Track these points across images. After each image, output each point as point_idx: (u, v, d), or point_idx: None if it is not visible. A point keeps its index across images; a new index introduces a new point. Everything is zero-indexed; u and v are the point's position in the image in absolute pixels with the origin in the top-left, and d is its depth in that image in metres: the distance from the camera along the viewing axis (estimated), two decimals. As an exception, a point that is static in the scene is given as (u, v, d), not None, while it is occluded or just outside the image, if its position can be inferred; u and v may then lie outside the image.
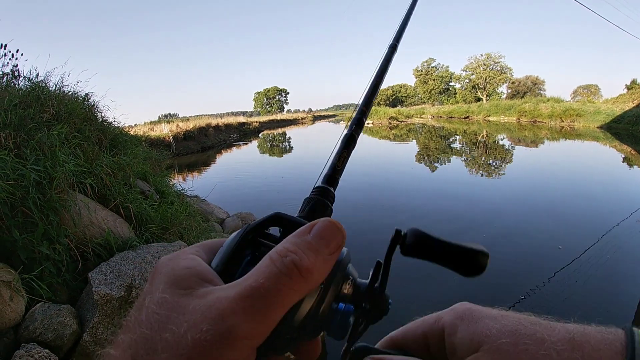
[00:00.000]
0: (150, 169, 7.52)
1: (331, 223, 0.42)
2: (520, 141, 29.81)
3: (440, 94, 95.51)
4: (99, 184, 4.77)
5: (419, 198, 11.86)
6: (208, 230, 6.07)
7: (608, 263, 6.65)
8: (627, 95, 48.13)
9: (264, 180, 16.57)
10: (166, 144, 26.52)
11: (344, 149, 0.68)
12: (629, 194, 11.90)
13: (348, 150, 0.68)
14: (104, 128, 6.83)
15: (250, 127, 54.63)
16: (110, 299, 3.14)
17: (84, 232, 3.90)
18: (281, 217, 0.46)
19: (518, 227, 8.72)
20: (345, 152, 0.67)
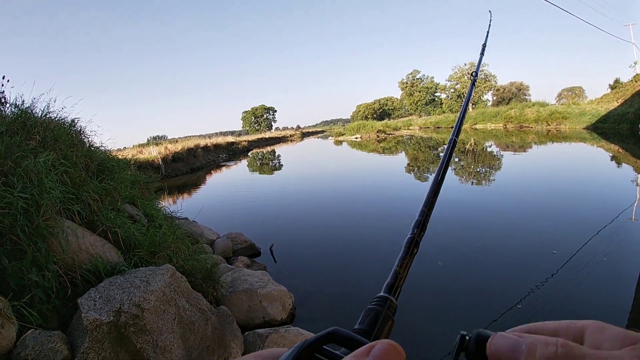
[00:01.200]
0: (138, 193, 7.54)
1: (391, 346, 0.40)
2: (508, 147, 30.14)
3: (427, 105, 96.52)
4: (86, 210, 4.80)
5: (409, 207, 11.90)
6: (198, 252, 6.09)
7: (601, 263, 6.72)
8: (611, 95, 48.96)
9: (254, 199, 16.57)
10: (155, 167, 26.56)
11: (406, 254, 0.68)
12: (618, 192, 12.05)
13: (411, 256, 0.68)
14: (90, 153, 6.85)
15: (239, 147, 54.78)
16: (100, 324, 3.16)
17: (73, 259, 3.92)
18: (339, 334, 0.46)
19: (512, 232, 8.78)
20: (407, 258, 0.68)
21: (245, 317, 5.54)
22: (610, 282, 6.17)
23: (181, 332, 3.73)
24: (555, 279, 6.29)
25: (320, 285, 7.09)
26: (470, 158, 24.93)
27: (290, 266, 8.16)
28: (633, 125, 32.62)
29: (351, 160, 31.12)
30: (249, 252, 8.90)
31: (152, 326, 3.44)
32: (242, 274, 6.38)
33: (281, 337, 4.70)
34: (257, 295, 5.69)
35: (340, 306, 6.21)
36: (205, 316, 4.13)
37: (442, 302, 6.10)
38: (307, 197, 15.75)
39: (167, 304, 3.70)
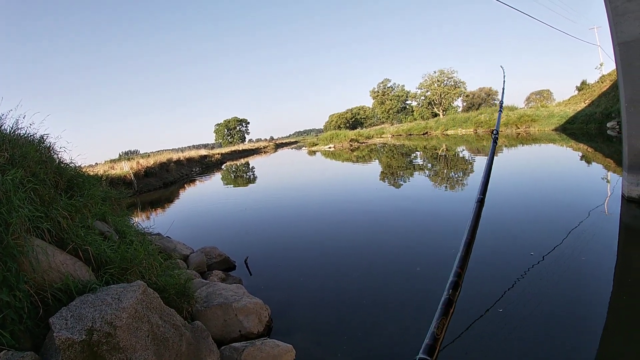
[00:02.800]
0: (109, 209, 7.44)
1: None
2: (479, 151, 30.51)
3: (398, 113, 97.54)
4: (56, 228, 4.72)
5: (381, 213, 11.97)
6: (171, 268, 6.03)
7: (579, 260, 6.89)
8: (578, 96, 50.37)
9: (228, 213, 16.53)
10: (127, 182, 26.32)
11: (442, 315, 0.68)
12: (591, 189, 12.39)
13: (447, 315, 0.67)
14: (60, 170, 6.75)
15: (212, 160, 54.60)
16: (72, 343, 3.12)
17: (43, 278, 3.86)
18: None
19: (487, 234, 8.87)
20: (444, 319, 0.67)
21: (221, 332, 5.50)
22: (588, 278, 6.33)
23: (155, 349, 3.70)
24: (533, 277, 6.41)
25: (296, 296, 7.09)
26: (443, 163, 25.21)
27: (266, 278, 8.15)
28: (601, 124, 33.52)
29: (325, 170, 31.19)
30: (224, 266, 8.86)
31: (126, 344, 3.41)
32: (217, 288, 6.35)
33: (258, 350, 4.68)
34: (233, 309, 5.67)
35: (318, 316, 6.22)
36: (179, 332, 4.10)
37: (419, 306, 6.15)
38: (281, 209, 15.73)
39: (140, 321, 3.67)
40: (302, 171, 32.99)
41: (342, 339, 5.40)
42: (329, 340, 5.47)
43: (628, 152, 9.88)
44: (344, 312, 6.21)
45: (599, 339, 4.69)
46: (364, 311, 6.15)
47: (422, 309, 6.01)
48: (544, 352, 4.56)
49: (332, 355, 5.06)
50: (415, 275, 7.38)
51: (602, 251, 7.35)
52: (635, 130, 9.57)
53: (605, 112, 34.54)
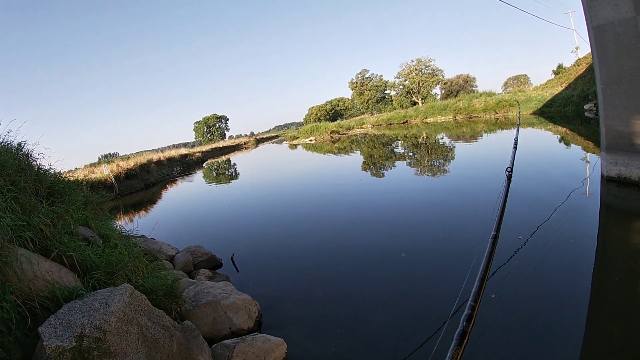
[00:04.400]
0: (91, 214, 7.39)
1: None
2: (459, 137, 30.83)
3: (377, 103, 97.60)
4: (39, 236, 4.69)
5: (367, 203, 12.03)
6: (157, 269, 6.02)
7: (561, 240, 7.02)
8: (555, 80, 50.76)
9: (211, 211, 16.49)
10: (108, 186, 26.12)
11: (457, 346, 0.70)
12: (571, 170, 12.64)
13: (461, 347, 0.69)
14: (39, 177, 6.69)
15: (193, 158, 54.28)
16: (63, 351, 3.11)
17: (29, 287, 3.83)
18: None
19: (468, 220, 8.97)
20: (458, 349, 0.69)
21: (211, 330, 5.52)
22: (571, 257, 6.47)
23: (147, 352, 3.70)
24: (518, 258, 6.52)
25: (285, 290, 7.13)
26: (424, 151, 25.36)
27: (253, 274, 8.18)
28: (578, 106, 34.01)
29: (307, 164, 31.18)
30: (210, 264, 8.86)
31: (116, 348, 3.41)
32: (205, 286, 6.36)
33: (249, 345, 4.71)
34: (221, 307, 5.68)
35: (307, 309, 6.27)
36: (169, 333, 4.11)
37: (408, 292, 6.22)
38: (264, 204, 15.72)
39: (129, 324, 3.67)
40: (284, 165, 32.97)
41: (332, 331, 5.46)
42: (320, 332, 5.52)
43: (605, 132, 10.10)
44: (333, 305, 6.27)
45: (585, 317, 4.80)
46: (353, 303, 6.21)
47: (410, 298, 6.08)
48: (531, 332, 4.65)
49: (324, 347, 5.11)
50: (402, 262, 7.45)
51: (584, 230, 7.52)
52: (612, 112, 9.77)
53: (582, 95, 35.00)
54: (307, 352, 5.08)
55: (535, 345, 4.40)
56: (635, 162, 9.33)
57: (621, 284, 5.41)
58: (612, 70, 9.42)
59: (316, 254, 8.77)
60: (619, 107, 9.51)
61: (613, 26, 9.06)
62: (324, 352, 5.01)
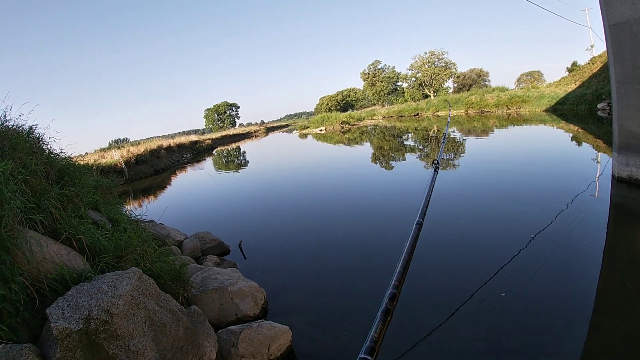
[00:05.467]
0: (101, 198, 7.43)
1: None
2: (470, 132, 30.72)
3: (389, 95, 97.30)
4: (48, 218, 4.72)
5: (376, 195, 12.02)
6: (165, 254, 6.04)
7: (567, 240, 6.98)
8: (569, 78, 50.13)
9: (221, 197, 16.55)
10: (118, 170, 26.21)
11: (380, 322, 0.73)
12: (581, 170, 12.50)
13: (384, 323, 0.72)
14: (50, 160, 6.72)
15: (203, 145, 54.27)
16: (70, 333, 3.14)
17: (38, 269, 3.86)
18: None
19: (481, 217, 8.94)
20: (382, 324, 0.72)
21: (217, 316, 5.55)
22: (579, 257, 6.43)
23: (153, 335, 3.73)
24: (525, 257, 6.48)
25: (291, 278, 7.15)
26: (435, 144, 25.25)
27: (260, 262, 8.20)
28: (591, 105, 33.57)
29: (317, 153, 31.17)
30: (218, 251, 8.89)
31: (123, 331, 3.43)
32: (212, 272, 6.39)
33: (254, 332, 4.73)
34: (228, 293, 5.71)
35: (313, 298, 6.29)
36: (176, 317, 4.13)
37: (415, 286, 6.21)
38: (273, 193, 15.75)
39: (137, 308, 3.70)
40: (294, 155, 32.97)
41: (337, 321, 5.47)
42: (325, 322, 5.54)
43: (618, 132, 9.98)
44: (339, 295, 6.28)
45: (589, 318, 4.77)
46: (359, 294, 6.22)
47: (415, 292, 6.08)
48: (535, 330, 4.64)
49: (328, 336, 5.13)
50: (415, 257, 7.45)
51: (593, 230, 7.45)
52: (625, 111, 9.64)
53: (595, 94, 34.55)
54: (312, 341, 5.10)
55: (539, 343, 4.39)
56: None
57: (627, 285, 5.35)
58: (628, 70, 9.29)
59: (323, 244, 8.77)
60: (633, 107, 9.38)
61: (630, 25, 8.91)
62: (329, 341, 5.03)
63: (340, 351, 4.75)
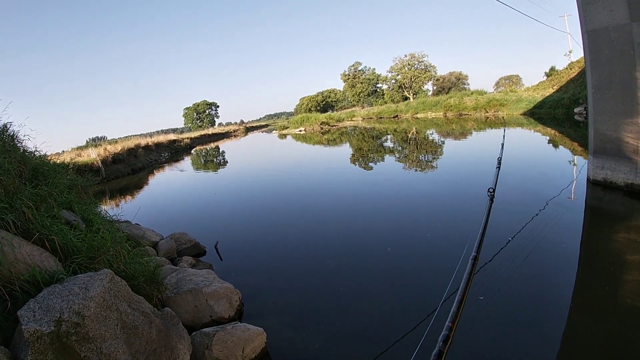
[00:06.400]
0: (76, 198, 7.35)
1: None
2: (448, 134, 30.95)
3: (369, 96, 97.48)
4: (21, 219, 4.66)
5: (350, 197, 12.08)
6: (139, 255, 5.99)
7: (543, 243, 7.09)
8: (547, 82, 50.85)
9: (198, 198, 16.47)
10: (95, 170, 25.89)
11: None
12: (558, 173, 12.67)
13: None
14: (24, 158, 6.64)
15: (181, 144, 53.96)
16: (41, 335, 3.11)
17: (10, 270, 3.81)
18: None
19: (452, 219, 9.03)
20: None
21: (192, 317, 5.54)
22: (555, 258, 6.54)
23: (125, 338, 3.71)
24: (502, 258, 6.56)
25: (267, 279, 7.17)
26: (414, 146, 25.43)
27: (237, 263, 8.20)
28: (568, 109, 34.15)
29: (296, 154, 31.17)
30: (194, 252, 8.85)
31: (95, 333, 3.41)
32: (187, 274, 6.36)
33: (228, 334, 4.74)
34: (203, 294, 5.70)
35: (289, 299, 6.31)
36: (149, 319, 4.12)
37: (392, 286, 6.28)
38: (251, 193, 15.75)
39: (108, 310, 3.67)
40: (273, 155, 32.93)
41: (314, 323, 5.50)
42: (301, 323, 5.57)
43: (594, 136, 10.21)
44: (316, 296, 6.31)
45: (566, 317, 4.88)
46: (336, 294, 6.26)
47: (393, 292, 6.14)
48: (511, 332, 4.72)
49: (304, 338, 5.16)
50: (387, 256, 7.51)
51: (568, 232, 7.60)
52: (601, 116, 9.87)
53: (573, 98, 35.15)
54: (287, 342, 5.12)
55: (515, 345, 4.46)
56: (622, 167, 9.46)
57: (602, 286, 5.48)
58: (604, 75, 9.50)
59: (301, 244, 8.80)
60: (608, 112, 9.60)
61: (607, 31, 9.12)
62: (305, 343, 5.05)
63: (317, 353, 4.77)
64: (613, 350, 4.22)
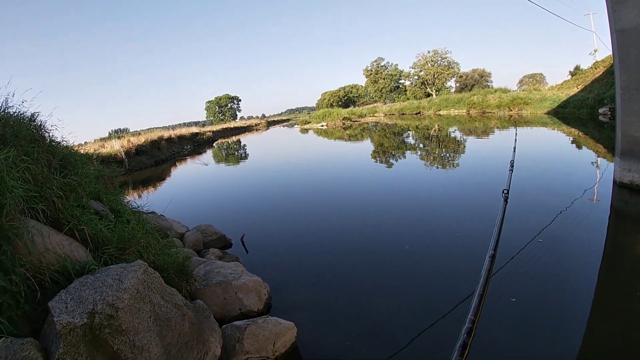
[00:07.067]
0: (103, 188, 7.32)
1: None
2: (471, 132, 30.61)
3: (391, 92, 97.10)
4: (51, 208, 4.60)
5: (376, 191, 11.97)
6: (168, 246, 5.94)
7: (565, 245, 6.89)
8: (571, 81, 49.86)
9: (222, 190, 16.50)
10: (118, 161, 26.09)
11: (459, 357, 0.66)
12: (580, 174, 12.34)
13: (462, 357, 0.65)
14: (52, 148, 6.60)
15: (203, 137, 54.24)
16: (74, 327, 3.03)
17: (40, 260, 3.75)
18: None
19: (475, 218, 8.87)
20: (459, 358, 0.64)
21: (221, 310, 5.46)
22: (577, 261, 6.32)
23: (158, 330, 3.63)
24: (519, 261, 6.38)
25: (294, 273, 7.08)
26: (436, 143, 25.19)
27: (263, 255, 8.13)
28: (593, 110, 33.39)
29: (319, 148, 31.12)
30: (220, 244, 8.80)
31: (128, 326, 3.33)
32: (215, 266, 6.30)
33: (260, 327, 4.65)
34: (232, 287, 5.62)
35: (317, 294, 6.20)
36: (181, 312, 4.03)
37: (416, 282, 6.17)
38: (275, 187, 15.70)
39: (142, 302, 3.59)
40: (296, 149, 32.92)
41: (341, 318, 5.41)
42: (328, 318, 5.47)
43: (621, 138, 9.90)
44: (342, 291, 6.20)
45: (585, 322, 4.70)
46: (361, 290, 6.14)
47: (417, 288, 6.03)
48: (529, 335, 4.57)
49: (332, 333, 5.06)
50: (411, 253, 7.39)
51: (591, 234, 7.36)
52: (629, 117, 9.57)
53: (597, 98, 34.32)
54: (316, 337, 5.03)
55: (533, 348, 4.32)
56: (650, 170, 9.17)
57: (625, 290, 5.30)
58: (633, 76, 9.21)
59: (325, 239, 8.70)
60: (637, 113, 9.31)
61: (637, 31, 8.83)
62: (332, 338, 4.96)
63: (347, 351, 4.66)
64: (632, 356, 4.04)
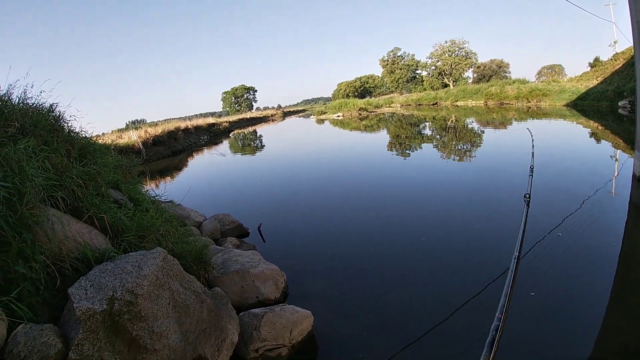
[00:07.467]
0: (121, 177, 7.38)
1: None
2: (489, 123, 30.25)
3: (408, 82, 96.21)
4: (70, 196, 4.65)
5: (392, 182, 11.94)
6: (186, 235, 5.99)
7: (583, 237, 6.79)
8: (591, 73, 48.77)
9: (238, 180, 16.54)
10: (136, 151, 26.27)
11: (488, 354, 0.65)
12: (599, 167, 12.12)
13: (490, 353, 0.64)
14: (71, 138, 6.66)
15: (220, 128, 54.35)
16: (93, 314, 3.06)
17: (60, 248, 3.79)
18: None
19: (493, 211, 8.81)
20: (488, 356, 0.63)
21: (238, 298, 5.49)
22: (592, 256, 6.20)
23: (177, 317, 3.66)
24: (536, 254, 6.30)
25: (311, 262, 7.08)
26: (453, 135, 25.00)
27: (279, 245, 8.15)
28: (612, 102, 32.72)
29: (334, 139, 31.10)
30: (237, 233, 8.84)
31: (147, 312, 3.36)
32: (233, 254, 6.32)
33: (277, 315, 4.66)
34: (250, 275, 5.64)
35: (333, 283, 6.21)
36: (200, 299, 4.06)
37: (431, 274, 6.14)
38: (292, 176, 15.73)
39: (161, 289, 3.62)
40: (312, 139, 32.89)
41: (357, 307, 5.40)
42: (344, 307, 5.47)
43: None
44: (358, 281, 6.20)
45: (602, 317, 4.63)
46: (378, 280, 6.12)
47: (432, 280, 5.99)
48: (545, 327, 4.52)
49: (349, 323, 5.05)
50: (427, 245, 7.33)
51: (609, 229, 7.21)
52: (650, 110, 9.27)
53: (617, 91, 33.57)
54: (332, 327, 5.03)
55: (548, 339, 4.27)
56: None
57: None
58: (654, 68, 8.96)
59: (341, 229, 8.69)
60: (658, 107, 9.05)
61: (659, 22, 8.58)
62: (349, 328, 4.95)
63: (363, 341, 4.65)
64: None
